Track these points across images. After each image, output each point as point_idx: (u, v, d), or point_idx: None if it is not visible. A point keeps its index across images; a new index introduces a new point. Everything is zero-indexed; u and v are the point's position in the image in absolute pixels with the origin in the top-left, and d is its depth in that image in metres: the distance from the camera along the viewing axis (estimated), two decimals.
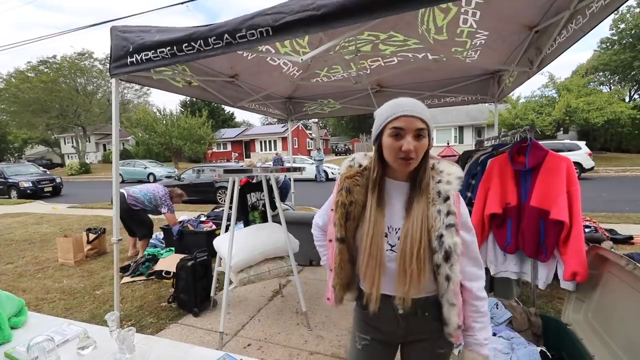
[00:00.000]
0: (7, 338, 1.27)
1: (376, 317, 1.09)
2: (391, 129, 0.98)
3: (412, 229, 0.99)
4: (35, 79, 27.04)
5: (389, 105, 1.03)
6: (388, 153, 1.01)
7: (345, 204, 1.06)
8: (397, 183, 1.07)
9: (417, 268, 0.97)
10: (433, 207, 1.01)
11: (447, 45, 2.91)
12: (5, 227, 7.58)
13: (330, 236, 1.12)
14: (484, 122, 22.51)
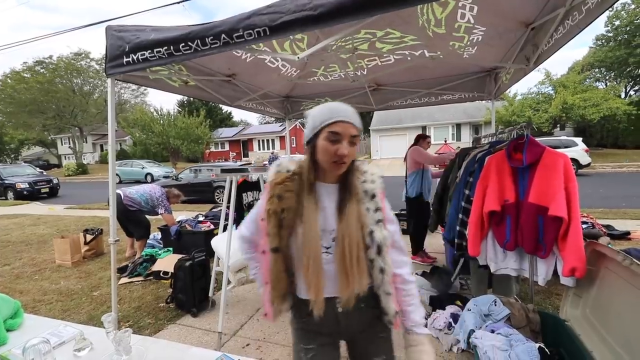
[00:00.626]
0: (3, 340, 1.26)
1: (318, 321, 1.07)
2: (328, 133, 1.00)
3: (348, 229, 1.02)
4: (32, 79, 26.83)
5: (325, 108, 1.04)
6: (322, 155, 1.02)
7: (277, 212, 1.03)
8: (327, 186, 1.09)
9: (358, 266, 1.01)
10: (362, 206, 1.06)
11: (445, 40, 2.90)
12: (1, 228, 7.54)
13: (264, 247, 1.08)
14: (482, 120, 22.55)
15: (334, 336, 1.16)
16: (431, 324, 2.53)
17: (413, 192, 3.88)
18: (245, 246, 1.23)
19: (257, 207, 1.15)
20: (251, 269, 1.25)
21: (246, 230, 1.20)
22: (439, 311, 2.61)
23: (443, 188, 2.87)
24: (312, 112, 1.06)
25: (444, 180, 2.86)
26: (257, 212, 1.15)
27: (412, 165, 3.92)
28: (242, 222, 1.23)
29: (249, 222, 1.20)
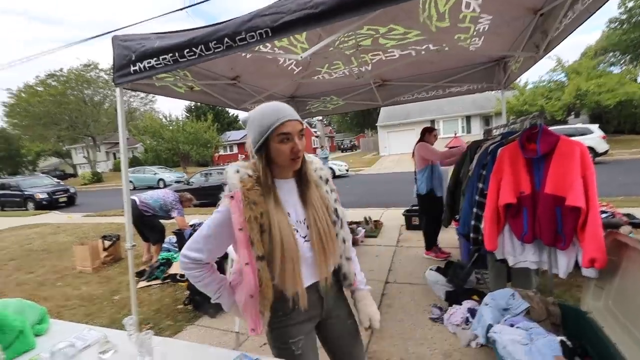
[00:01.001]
0: (31, 345, 1.31)
1: (304, 311, 1.14)
2: (280, 135, 1.05)
3: (316, 214, 1.14)
4: (44, 92, 27.56)
5: (268, 111, 1.07)
6: (279, 156, 1.07)
7: (257, 218, 1.04)
8: (285, 181, 1.15)
9: (332, 241, 1.16)
10: (321, 190, 1.21)
11: (450, 33, 2.86)
12: (24, 237, 7.78)
13: (245, 259, 1.06)
14: (492, 111, 22.11)
15: (315, 319, 1.24)
16: (448, 319, 2.51)
17: (424, 188, 3.82)
18: (197, 272, 1.13)
19: (212, 222, 1.10)
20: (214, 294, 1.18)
21: (197, 253, 1.11)
22: (455, 306, 2.59)
23: (455, 182, 2.83)
24: (254, 118, 1.09)
25: (455, 174, 2.81)
26: (210, 227, 1.11)
27: (420, 162, 3.85)
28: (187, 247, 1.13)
29: (200, 240, 1.12)
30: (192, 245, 1.12)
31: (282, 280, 1.07)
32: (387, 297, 3.12)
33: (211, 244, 1.11)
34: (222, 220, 1.08)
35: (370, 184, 13.18)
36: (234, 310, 1.22)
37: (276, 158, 1.08)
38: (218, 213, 1.10)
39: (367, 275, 3.58)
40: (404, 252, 4.29)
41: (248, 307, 1.10)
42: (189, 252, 1.11)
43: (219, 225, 1.09)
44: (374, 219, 5.54)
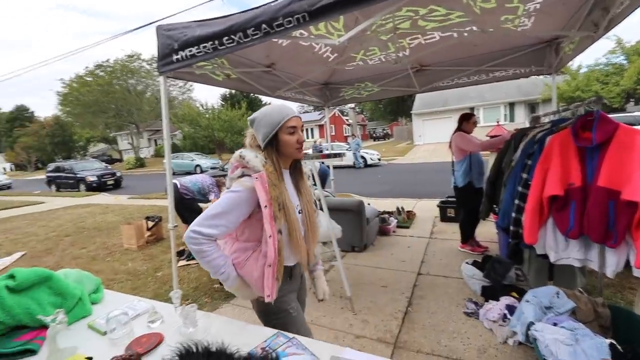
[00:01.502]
0: (89, 312, 1.44)
1: (295, 280, 1.44)
2: (288, 128, 1.26)
3: (308, 203, 1.40)
4: (93, 82, 29.48)
5: (276, 110, 1.28)
6: (287, 147, 1.29)
7: (276, 197, 1.21)
8: (285, 171, 1.37)
9: (316, 226, 1.43)
10: (308, 183, 1.45)
11: (496, 14, 2.68)
12: (77, 216, 8.52)
13: (269, 233, 1.19)
14: (539, 97, 20.53)
15: (296, 291, 1.49)
16: (484, 314, 2.43)
17: (461, 180, 3.64)
18: (210, 247, 1.20)
19: (231, 200, 1.20)
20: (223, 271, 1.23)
21: (213, 229, 1.18)
22: (492, 302, 2.50)
23: (497, 172, 2.68)
24: (263, 116, 1.29)
25: (497, 163, 2.66)
26: (227, 205, 1.20)
27: (458, 153, 3.66)
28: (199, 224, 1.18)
29: (214, 217, 1.18)
30: (204, 222, 1.19)
31: (292, 249, 1.31)
32: (419, 288, 3.08)
33: (226, 221, 1.20)
34: (243, 199, 1.20)
35: (403, 173, 12.90)
36: (235, 285, 1.27)
37: (284, 148, 1.29)
38: (235, 192, 1.21)
39: (399, 266, 3.58)
40: (438, 244, 4.18)
41: (266, 277, 1.23)
42: (201, 228, 1.18)
43: (238, 203, 1.21)
44: (407, 210, 5.44)
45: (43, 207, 10.74)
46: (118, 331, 1.19)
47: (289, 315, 1.36)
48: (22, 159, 40.09)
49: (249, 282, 1.28)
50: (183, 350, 0.95)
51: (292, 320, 1.35)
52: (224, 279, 1.26)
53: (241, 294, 1.32)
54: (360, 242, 4.08)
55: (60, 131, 39.52)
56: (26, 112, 53.70)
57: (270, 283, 1.23)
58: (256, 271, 1.24)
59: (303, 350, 1.06)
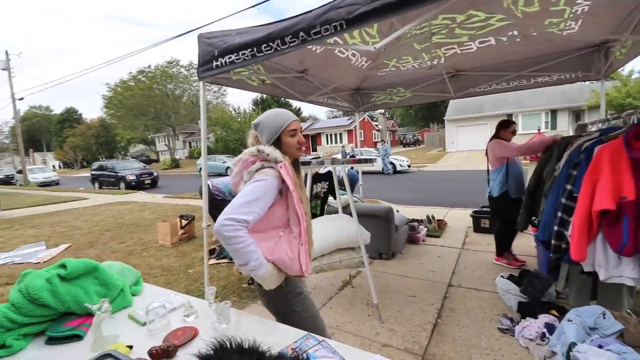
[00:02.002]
0: (130, 303, 1.53)
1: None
2: (290, 131, 1.41)
3: (304, 195, 1.51)
4: (135, 87, 31.42)
5: (279, 114, 1.43)
6: (289, 148, 1.43)
7: (297, 184, 1.37)
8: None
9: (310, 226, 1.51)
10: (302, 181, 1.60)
11: (539, 18, 2.56)
12: (117, 212, 9.05)
13: (301, 214, 1.35)
14: (584, 104, 19.27)
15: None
16: (520, 332, 2.30)
17: (496, 190, 3.48)
18: (244, 234, 1.23)
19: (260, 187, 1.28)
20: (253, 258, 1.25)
21: (249, 216, 1.23)
22: (529, 319, 2.36)
23: (537, 182, 2.54)
24: (266, 121, 1.42)
25: (538, 173, 2.53)
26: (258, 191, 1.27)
27: (494, 161, 3.50)
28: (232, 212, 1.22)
29: (246, 204, 1.23)
30: (237, 209, 1.22)
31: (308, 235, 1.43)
32: (449, 300, 2.97)
33: (257, 207, 1.26)
34: (272, 186, 1.30)
35: (434, 181, 12.56)
36: (268, 271, 1.29)
37: (286, 149, 1.41)
38: (263, 180, 1.28)
39: (428, 276, 3.49)
40: (471, 256, 4.02)
41: (301, 256, 1.35)
42: (235, 215, 1.21)
43: (267, 190, 1.29)
44: (438, 218, 5.28)
45: (87, 203, 11.53)
46: (156, 323, 1.25)
47: (307, 297, 1.47)
48: (70, 157, 43.39)
49: (284, 265, 1.34)
50: (217, 345, 0.98)
51: (310, 303, 1.48)
52: (257, 266, 1.26)
53: (272, 279, 1.32)
54: (388, 250, 4.02)
55: (104, 132, 42.41)
56: (75, 114, 58.21)
57: (305, 259, 1.36)
58: (292, 252, 1.34)
59: (333, 354, 1.06)
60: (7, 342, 1.19)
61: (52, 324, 1.32)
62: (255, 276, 1.30)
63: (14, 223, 8.28)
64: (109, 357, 0.91)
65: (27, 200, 13.05)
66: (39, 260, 4.93)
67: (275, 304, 1.46)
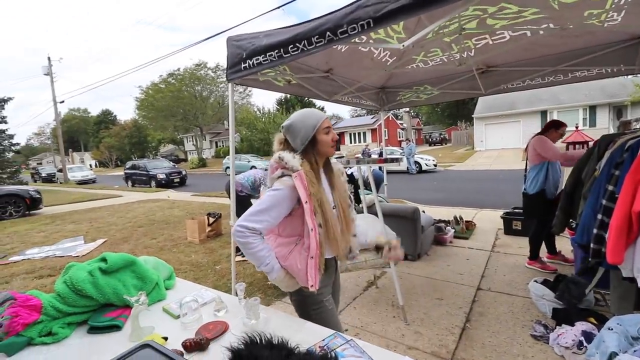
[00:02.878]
0: (164, 296, 1.60)
1: (329, 274, 1.50)
2: (325, 129, 1.40)
3: (341, 197, 1.48)
4: (166, 89, 32.68)
5: (310, 114, 1.42)
6: (325, 145, 1.41)
7: (316, 194, 1.32)
8: (320, 169, 1.45)
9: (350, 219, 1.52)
10: (341, 179, 1.55)
11: (578, 9, 2.41)
12: (148, 210, 9.47)
13: (311, 226, 1.30)
14: (627, 100, 17.96)
15: (331, 284, 1.56)
16: (555, 339, 2.20)
17: (533, 187, 3.32)
18: (255, 241, 1.30)
19: (273, 197, 1.32)
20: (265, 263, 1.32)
21: (258, 224, 1.29)
22: (565, 327, 2.25)
23: (575, 183, 2.40)
24: (299, 122, 1.40)
25: (576, 173, 2.39)
26: (271, 201, 1.31)
27: (534, 158, 3.34)
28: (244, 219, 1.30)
29: (259, 213, 1.30)
30: (249, 217, 1.31)
31: (329, 243, 1.38)
32: (478, 304, 2.88)
33: (269, 216, 1.31)
34: (284, 196, 1.31)
35: (461, 181, 12.19)
36: (279, 276, 1.36)
37: (322, 147, 1.41)
38: (278, 190, 1.32)
39: (456, 279, 3.41)
40: (501, 259, 3.88)
41: (309, 268, 1.33)
42: (246, 222, 1.29)
43: (280, 200, 1.31)
44: (466, 219, 5.13)
45: (121, 200, 12.15)
46: (189, 316, 1.30)
47: (325, 308, 1.44)
48: (105, 157, 45.92)
49: (293, 274, 1.37)
50: (248, 339, 1.01)
51: (328, 313, 1.44)
52: (269, 270, 1.34)
53: (284, 284, 1.39)
54: (414, 251, 3.95)
55: (137, 133, 44.54)
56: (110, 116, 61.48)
57: (314, 273, 1.33)
58: (300, 263, 1.34)
59: (361, 353, 1.06)
60: (53, 329, 1.28)
61: (94, 314, 1.40)
62: (269, 278, 1.38)
63: (55, 218, 8.88)
64: (148, 347, 0.95)
65: (67, 197, 13.95)
66: (78, 253, 5.26)
67: (295, 304, 1.50)
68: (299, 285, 1.40)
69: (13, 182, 17.29)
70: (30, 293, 1.36)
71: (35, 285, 3.97)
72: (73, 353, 1.18)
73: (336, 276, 1.62)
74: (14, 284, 4.05)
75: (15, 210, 9.61)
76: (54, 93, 23.54)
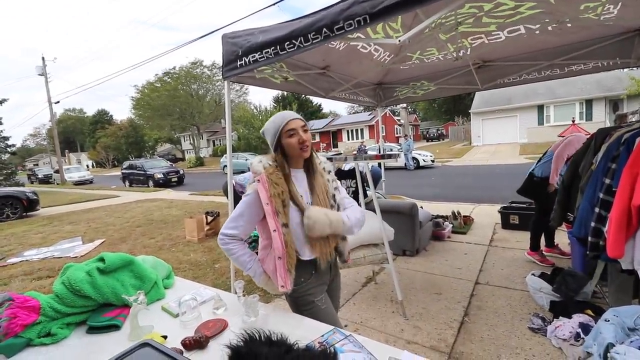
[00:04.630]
0: (162, 295, 1.59)
1: (321, 274, 1.46)
2: (287, 132, 1.36)
3: (319, 199, 1.42)
4: (161, 88, 32.50)
5: (277, 118, 1.40)
6: (290, 148, 1.37)
7: (279, 194, 1.32)
8: (298, 170, 1.45)
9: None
10: (324, 178, 1.50)
11: (574, 2, 2.42)
12: (146, 209, 9.44)
13: (273, 227, 1.31)
14: (623, 93, 17.99)
15: (326, 284, 1.53)
16: (552, 331, 2.22)
17: (541, 172, 3.37)
18: (234, 246, 1.38)
19: (244, 203, 1.37)
20: (248, 266, 1.40)
21: (234, 230, 1.37)
22: (562, 319, 2.27)
23: (572, 176, 2.42)
24: (267, 126, 1.42)
25: (573, 167, 2.40)
26: (241, 207, 1.37)
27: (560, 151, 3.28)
28: (224, 227, 1.38)
29: (234, 222, 1.37)
30: (227, 225, 1.38)
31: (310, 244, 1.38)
32: (476, 298, 2.90)
33: (243, 221, 1.37)
34: (251, 201, 1.35)
35: (459, 176, 12.22)
36: (263, 280, 1.42)
37: (288, 150, 1.38)
38: (247, 196, 1.37)
39: (454, 273, 3.42)
40: (499, 253, 3.90)
41: (278, 269, 1.34)
42: (225, 230, 1.37)
43: (248, 205, 1.36)
44: (463, 215, 5.14)
45: (118, 201, 12.10)
46: (188, 315, 1.30)
47: (318, 308, 1.42)
48: (102, 157, 45.67)
49: (270, 276, 1.40)
50: (247, 337, 1.01)
51: (321, 313, 1.41)
52: (252, 275, 1.41)
53: (270, 287, 1.44)
54: (412, 246, 3.96)
55: (134, 132, 44.30)
56: (106, 116, 61.14)
57: (283, 274, 1.34)
58: (271, 264, 1.38)
59: (360, 348, 1.06)
60: (52, 330, 1.28)
61: (92, 314, 1.40)
62: (255, 282, 1.44)
63: (52, 220, 8.85)
64: (147, 345, 0.95)
65: (64, 198, 13.89)
66: (77, 254, 5.24)
67: (289, 305, 1.51)
68: None
69: (9, 183, 17.21)
70: (28, 294, 1.36)
71: (33, 286, 3.96)
72: (72, 353, 1.18)
73: (332, 276, 1.58)
74: (12, 286, 4.04)
75: (12, 212, 9.56)
76: (48, 93, 23.35)
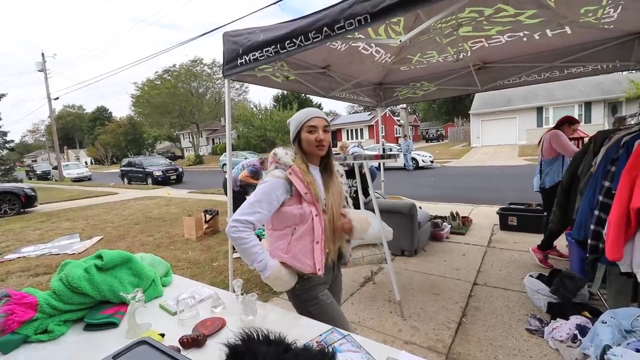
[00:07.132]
0: (160, 293, 1.59)
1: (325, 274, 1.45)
2: (308, 127, 1.40)
3: (333, 197, 1.45)
4: (161, 85, 32.42)
5: (302, 112, 1.44)
6: (307, 144, 1.42)
7: (311, 183, 1.36)
8: (313, 167, 1.47)
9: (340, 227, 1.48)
10: (339, 180, 1.54)
11: (575, 5, 2.42)
12: (145, 207, 9.42)
13: (315, 212, 1.37)
14: (622, 96, 18.04)
15: (328, 283, 1.54)
16: (549, 333, 2.22)
17: (550, 180, 3.39)
18: (249, 235, 1.32)
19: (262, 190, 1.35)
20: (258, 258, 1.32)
21: (253, 217, 1.32)
22: (560, 320, 2.27)
23: (571, 179, 2.42)
24: (293, 118, 1.46)
25: (572, 169, 2.40)
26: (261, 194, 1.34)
27: (549, 152, 3.40)
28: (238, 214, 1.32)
29: (251, 206, 1.32)
30: (241, 211, 1.33)
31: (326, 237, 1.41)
32: (474, 299, 2.90)
33: (260, 208, 1.33)
34: (272, 187, 1.34)
35: (458, 177, 12.23)
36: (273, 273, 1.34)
37: (305, 145, 1.42)
38: (266, 182, 1.36)
39: (452, 274, 3.42)
40: (497, 254, 3.90)
41: (314, 254, 1.37)
42: (240, 216, 1.32)
43: (268, 191, 1.34)
44: (462, 215, 5.15)
45: (117, 198, 12.07)
46: (186, 313, 1.29)
47: (324, 302, 1.42)
48: (101, 154, 45.53)
49: (298, 262, 1.37)
50: (245, 335, 1.01)
51: (329, 307, 1.42)
52: (262, 267, 1.33)
53: (279, 282, 1.37)
54: (411, 247, 3.97)
55: (133, 130, 44.17)
56: (105, 113, 60.94)
57: (320, 257, 1.37)
58: (303, 249, 1.37)
59: (357, 348, 1.06)
60: (49, 327, 1.27)
61: (90, 312, 1.39)
62: (262, 277, 1.35)
63: (50, 216, 8.82)
64: (145, 343, 0.95)
65: (62, 195, 13.86)
66: (74, 251, 5.23)
67: (293, 302, 1.49)
68: (293, 282, 1.40)
69: (7, 179, 17.14)
70: (25, 291, 1.35)
71: (31, 283, 3.95)
72: (69, 350, 1.17)
73: (334, 275, 1.60)
74: (10, 282, 4.03)
75: (10, 208, 9.54)
76: (48, 90, 23.29)
